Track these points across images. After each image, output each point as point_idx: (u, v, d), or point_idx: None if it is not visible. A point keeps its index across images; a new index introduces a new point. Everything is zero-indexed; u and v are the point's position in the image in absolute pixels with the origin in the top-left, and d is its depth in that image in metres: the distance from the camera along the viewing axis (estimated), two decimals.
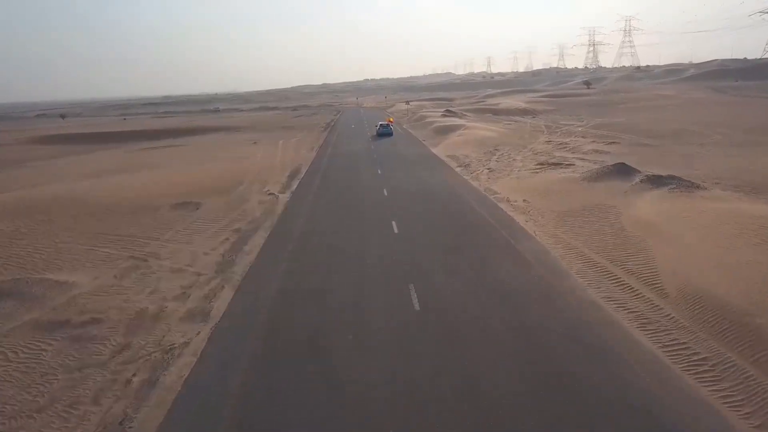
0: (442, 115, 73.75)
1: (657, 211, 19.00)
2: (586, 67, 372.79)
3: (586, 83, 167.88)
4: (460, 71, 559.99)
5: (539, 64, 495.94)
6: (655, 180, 22.87)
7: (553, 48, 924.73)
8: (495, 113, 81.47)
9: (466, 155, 38.05)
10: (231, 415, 9.01)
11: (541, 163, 32.34)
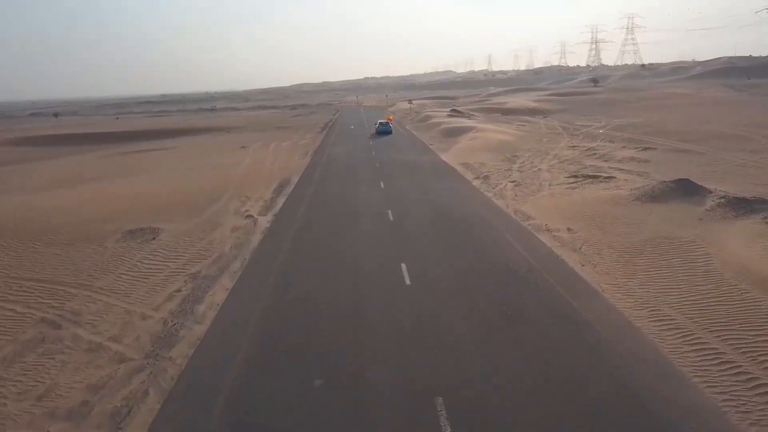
0: (448, 115, 68.74)
1: (763, 254, 14.02)
2: (588, 65, 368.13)
3: (593, 81, 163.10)
4: (460, 69, 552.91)
5: (540, 62, 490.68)
6: (739, 204, 17.88)
7: (555, 46, 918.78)
8: (504, 113, 76.46)
9: (482, 163, 33.02)
10: None
11: (575, 175, 27.34)
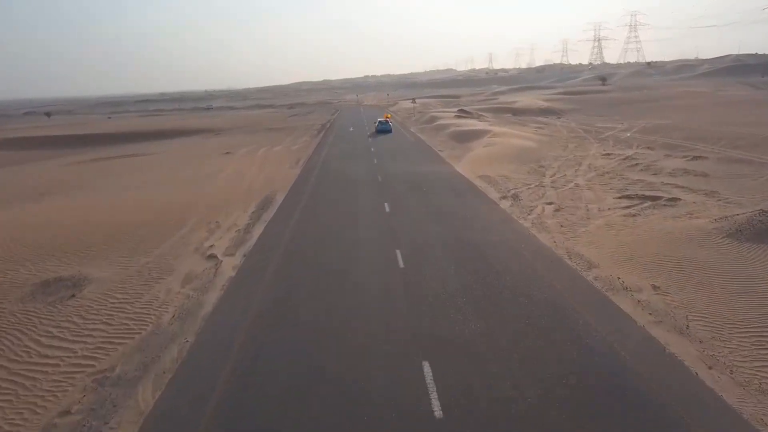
0: (455, 116, 63.25)
1: None
2: (590, 63, 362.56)
3: (600, 79, 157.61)
4: (461, 68, 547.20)
5: (541, 60, 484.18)
6: None
7: (556, 44, 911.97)
8: (515, 113, 71.04)
9: (505, 177, 27.55)
10: None
11: (627, 196, 21.91)
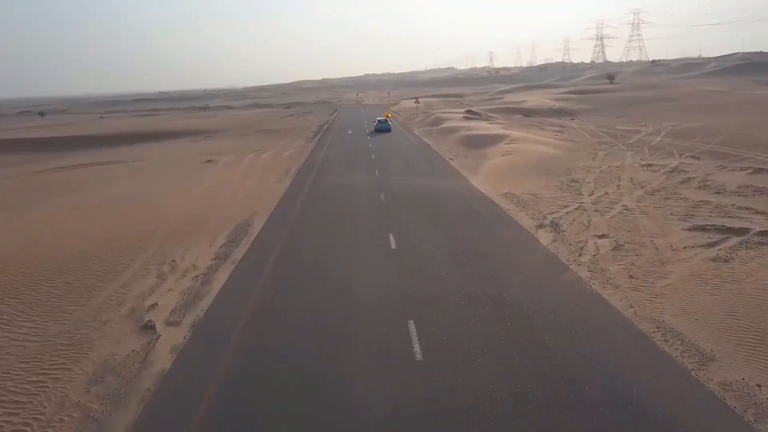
0: (464, 118, 58.47)
1: None
2: (592, 62, 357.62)
3: (608, 78, 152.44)
4: (462, 66, 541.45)
5: (541, 59, 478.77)
6: None
7: (556, 43, 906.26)
8: (525, 114, 66.26)
9: (534, 195, 22.74)
10: None
11: (701, 227, 17.07)
